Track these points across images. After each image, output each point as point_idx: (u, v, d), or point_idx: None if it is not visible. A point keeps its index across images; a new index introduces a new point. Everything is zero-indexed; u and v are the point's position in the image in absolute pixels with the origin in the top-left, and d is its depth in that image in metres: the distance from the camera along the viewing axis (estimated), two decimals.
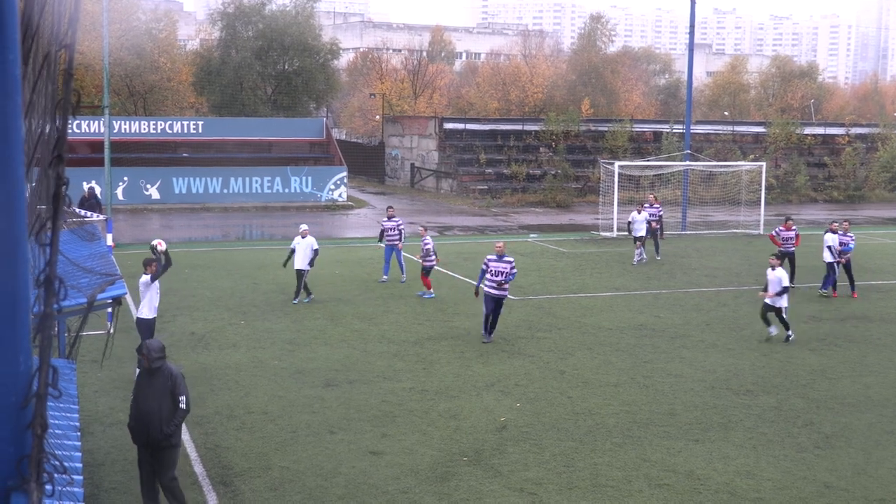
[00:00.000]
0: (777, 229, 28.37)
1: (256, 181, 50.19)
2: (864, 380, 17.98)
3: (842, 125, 69.85)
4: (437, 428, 14.75)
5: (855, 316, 23.86)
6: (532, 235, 39.79)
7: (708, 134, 62.98)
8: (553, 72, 76.75)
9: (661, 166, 47.91)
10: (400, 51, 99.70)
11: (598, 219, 42.80)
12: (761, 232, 41.18)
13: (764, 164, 46.58)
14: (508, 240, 37.93)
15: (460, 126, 61.60)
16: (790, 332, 20.46)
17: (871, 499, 12.26)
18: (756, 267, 31.33)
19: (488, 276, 20.05)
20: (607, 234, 39.59)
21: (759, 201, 43.70)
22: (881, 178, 61.10)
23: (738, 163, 50.16)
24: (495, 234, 40.14)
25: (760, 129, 65.78)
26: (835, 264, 26.08)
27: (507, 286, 20.19)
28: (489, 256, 20.36)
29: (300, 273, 24.01)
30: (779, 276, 20.49)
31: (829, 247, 26.16)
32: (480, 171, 57.69)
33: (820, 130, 68.37)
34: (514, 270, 20.35)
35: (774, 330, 20.59)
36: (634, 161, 49.25)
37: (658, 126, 63.70)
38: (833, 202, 58.40)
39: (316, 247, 24.34)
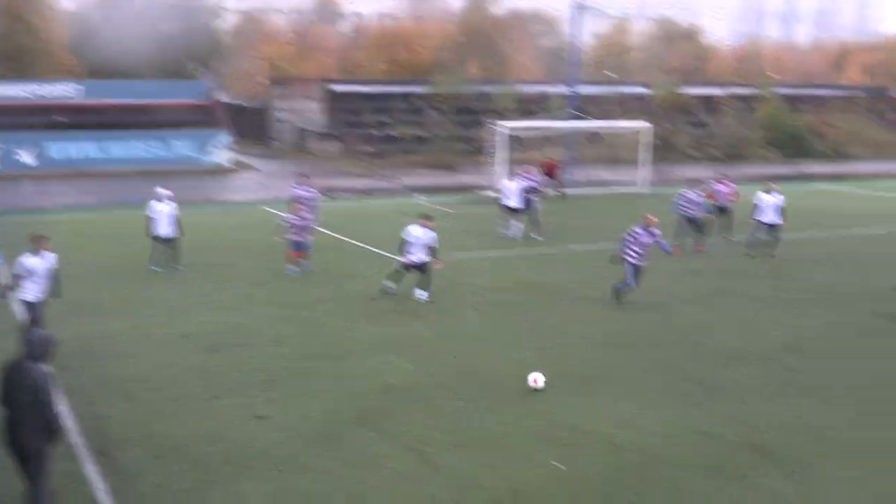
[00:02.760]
0: (713, 185, 29.01)
1: (137, 145, 48.99)
2: (743, 333, 18.54)
3: (722, 85, 71.46)
4: (324, 390, 14.70)
5: (736, 271, 24.50)
6: (419, 197, 39.75)
7: (593, 94, 63.74)
8: (442, 34, 76.45)
9: (546, 127, 48.24)
10: (285, 12, 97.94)
11: (483, 179, 42.98)
12: (645, 190, 42.01)
13: (647, 123, 47.29)
14: (395, 202, 37.94)
15: (348, 88, 61.09)
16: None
17: (746, 445, 12.66)
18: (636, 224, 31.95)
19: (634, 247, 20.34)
20: (495, 194, 39.77)
21: (643, 161, 44.45)
22: (758, 136, 62.75)
23: (622, 122, 50.80)
24: (384, 195, 40.01)
25: (644, 90, 66.77)
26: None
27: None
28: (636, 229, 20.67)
29: (168, 240, 23.27)
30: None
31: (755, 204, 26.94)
32: (367, 133, 57.37)
33: (701, 91, 69.75)
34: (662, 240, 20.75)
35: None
36: (522, 122, 49.49)
37: (545, 87, 64.11)
38: (713, 160, 59.73)
39: (176, 213, 23.35)
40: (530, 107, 59.56)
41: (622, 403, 14.25)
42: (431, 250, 20.70)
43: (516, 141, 45.26)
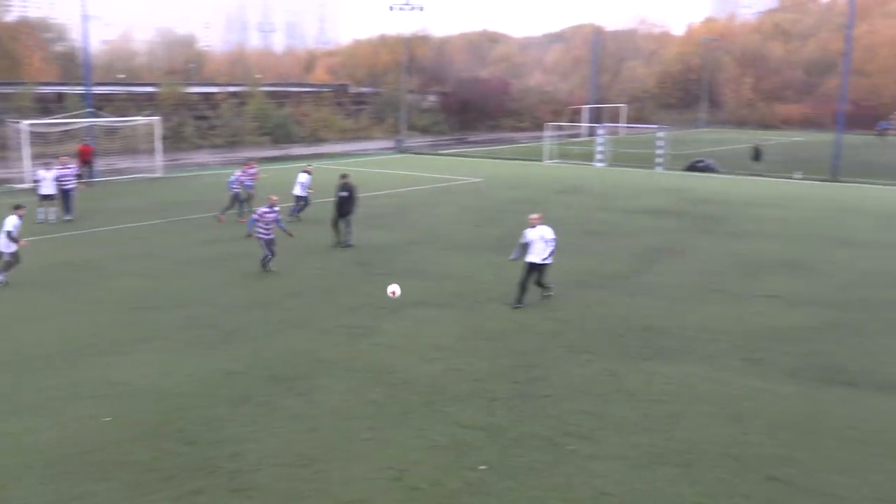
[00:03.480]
0: (244, 169, 28.26)
1: None
2: (252, 286, 18.80)
3: (218, 84, 71.09)
4: None
5: (240, 235, 24.63)
6: None
7: (107, 93, 60.18)
8: None
9: (67, 123, 44.92)
10: None
11: (10, 173, 39.05)
12: (160, 175, 40.80)
13: (157, 118, 45.78)
14: None
15: None
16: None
17: (263, 376, 12.90)
18: (157, 205, 31.01)
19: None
20: (21, 185, 36.35)
21: (156, 150, 43.09)
22: (252, 126, 63.50)
23: (136, 118, 48.68)
24: None
25: (152, 89, 64.47)
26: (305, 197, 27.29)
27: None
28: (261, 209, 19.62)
29: None
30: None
31: (300, 183, 27.12)
32: None
33: (202, 89, 68.85)
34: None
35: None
36: (42, 119, 45.42)
37: (61, 87, 59.48)
38: (217, 147, 59.50)
39: None
40: (49, 105, 54.99)
41: (160, 355, 13.86)
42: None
43: (39, 136, 41.59)
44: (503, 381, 12.76)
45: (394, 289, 13.61)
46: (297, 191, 27.43)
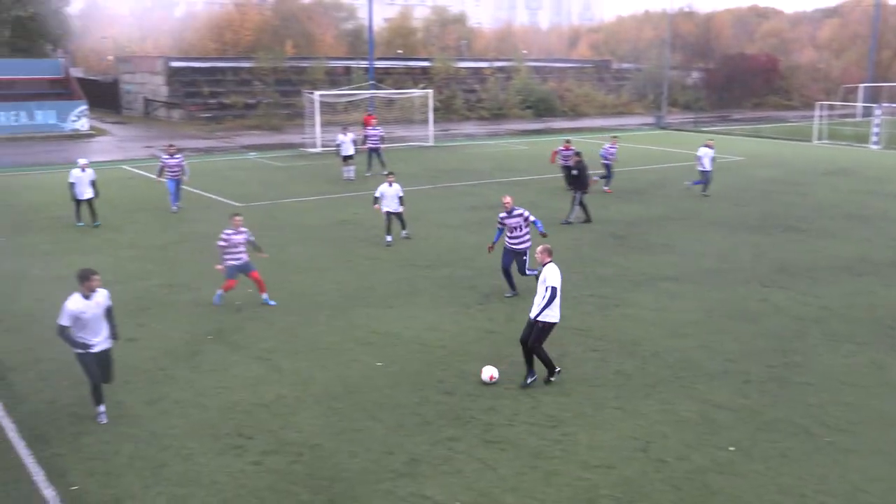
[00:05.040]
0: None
1: (2, 115, 45.32)
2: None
3: (486, 60, 72.43)
4: (184, 315, 14.23)
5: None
6: (251, 154, 38.67)
7: (387, 67, 63.31)
8: (260, 18, 73.87)
9: (351, 94, 47.78)
10: None
11: (304, 138, 42.23)
12: (431, 144, 42.36)
13: (430, 91, 47.50)
14: (232, 159, 36.78)
15: (185, 64, 58.24)
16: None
17: (517, 338, 13.07)
18: (428, 171, 32.31)
19: (507, 233, 15.61)
20: (313, 150, 39.21)
21: (428, 120, 44.77)
22: (516, 100, 64.20)
23: (411, 90, 50.84)
24: (222, 153, 38.62)
25: (427, 64, 66.91)
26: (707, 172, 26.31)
27: (527, 238, 15.53)
28: (501, 214, 15.64)
29: (86, 201, 21.17)
30: None
31: (702, 157, 26.45)
32: (204, 101, 55.08)
33: (471, 64, 70.51)
34: (532, 218, 15.63)
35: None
36: (330, 91, 48.65)
37: (348, 62, 63.26)
38: (483, 119, 60.82)
39: (94, 178, 21.36)
40: (337, 78, 58.70)
41: (424, 311, 14.46)
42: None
43: (328, 106, 44.60)
44: (757, 364, 12.07)
45: (492, 373, 11.48)
46: (706, 165, 26.44)
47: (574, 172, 22.62)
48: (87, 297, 9.92)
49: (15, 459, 9.10)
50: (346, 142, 29.36)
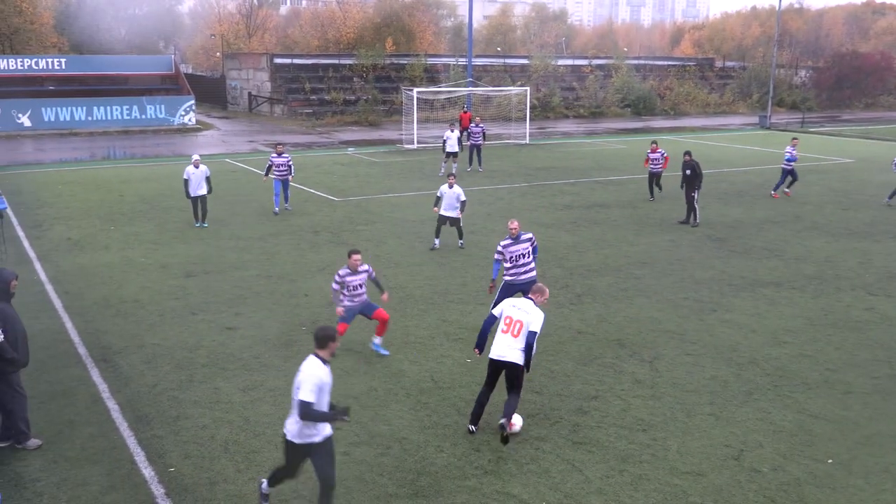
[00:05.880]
0: (647, 153, 25.95)
1: (116, 109, 47.38)
2: (604, 251, 18.86)
3: (585, 58, 71.64)
4: (280, 305, 14.57)
5: (598, 203, 24.84)
6: (350, 149, 39.30)
7: (485, 65, 63.39)
8: (362, 15, 75.07)
9: (450, 92, 48.01)
10: None
11: (401, 134, 42.68)
12: (527, 142, 42.17)
13: (528, 88, 47.32)
14: (331, 154, 37.45)
15: (288, 61, 59.65)
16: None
17: (609, 339, 12.97)
18: (524, 168, 32.19)
19: (507, 265, 12.83)
20: (409, 146, 39.59)
21: (525, 118, 44.59)
22: (615, 98, 63.32)
23: (509, 88, 50.75)
24: (321, 148, 39.41)
25: (525, 61, 66.66)
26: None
27: (534, 267, 13.01)
28: (503, 241, 12.85)
29: (201, 198, 20.98)
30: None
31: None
32: (306, 97, 56.28)
33: (570, 62, 69.90)
34: (536, 243, 13.14)
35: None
36: (429, 88, 49.04)
37: (446, 60, 63.60)
38: (580, 118, 60.22)
39: (208, 174, 21.09)
40: (435, 75, 59.08)
41: None
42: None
43: (425, 103, 44.93)
44: (860, 375, 11.58)
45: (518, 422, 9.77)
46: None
47: (687, 172, 21.94)
48: (326, 361, 7.83)
49: (119, 440, 9.49)
50: (453, 138, 29.67)
